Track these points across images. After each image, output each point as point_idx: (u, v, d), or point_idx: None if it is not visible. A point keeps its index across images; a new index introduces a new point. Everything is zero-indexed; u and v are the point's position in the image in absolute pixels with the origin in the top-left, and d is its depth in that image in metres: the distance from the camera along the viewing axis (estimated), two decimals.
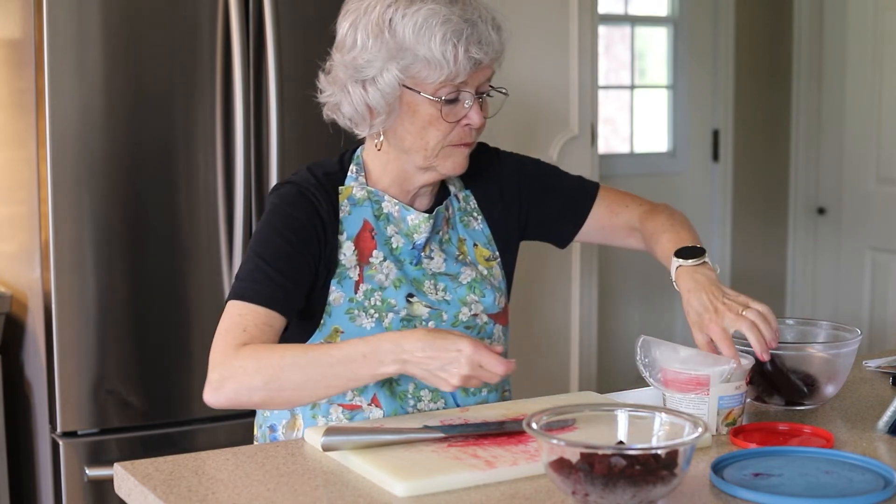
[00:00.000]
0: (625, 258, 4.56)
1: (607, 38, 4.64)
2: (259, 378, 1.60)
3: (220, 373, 1.63)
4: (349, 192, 1.81)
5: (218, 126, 2.75)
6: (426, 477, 1.45)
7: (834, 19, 4.72)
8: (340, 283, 1.77)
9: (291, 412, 1.82)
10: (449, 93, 1.72)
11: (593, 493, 1.33)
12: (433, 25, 1.67)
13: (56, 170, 2.60)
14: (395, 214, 1.82)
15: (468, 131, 1.76)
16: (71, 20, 2.59)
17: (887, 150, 4.53)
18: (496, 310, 1.87)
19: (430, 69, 1.69)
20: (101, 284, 2.66)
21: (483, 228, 1.91)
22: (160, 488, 1.46)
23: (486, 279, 1.87)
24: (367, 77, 1.72)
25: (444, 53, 1.67)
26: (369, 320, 1.77)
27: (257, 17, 2.77)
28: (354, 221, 1.80)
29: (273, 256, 1.72)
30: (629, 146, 4.73)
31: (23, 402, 2.90)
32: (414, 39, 1.68)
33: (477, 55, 1.69)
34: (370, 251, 1.79)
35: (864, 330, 4.55)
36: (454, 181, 1.91)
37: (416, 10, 1.68)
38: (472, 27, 1.69)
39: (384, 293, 1.78)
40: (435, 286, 1.82)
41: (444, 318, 1.81)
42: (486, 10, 1.73)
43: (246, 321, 1.66)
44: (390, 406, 1.78)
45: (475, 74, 1.72)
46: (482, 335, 1.85)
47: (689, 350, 1.71)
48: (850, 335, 1.88)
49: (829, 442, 1.63)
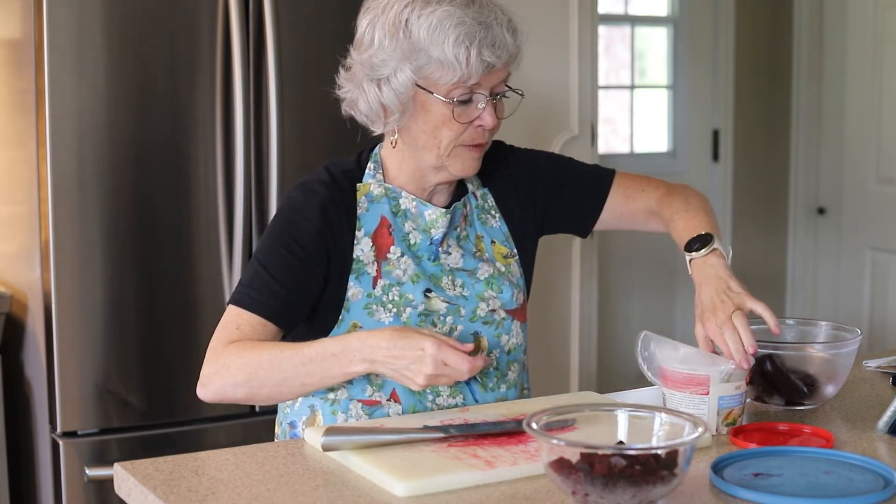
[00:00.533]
0: (625, 255, 4.56)
1: (607, 38, 4.64)
2: (241, 375, 1.67)
3: (208, 368, 1.70)
4: (367, 190, 1.83)
5: (218, 126, 2.75)
6: (426, 477, 1.45)
7: (834, 19, 4.72)
8: (358, 278, 1.79)
9: (311, 409, 1.83)
10: (462, 94, 1.73)
11: (593, 493, 1.33)
12: (447, 27, 1.68)
13: (56, 170, 2.60)
14: (413, 210, 1.84)
15: (481, 132, 1.77)
16: (71, 20, 2.59)
17: (887, 150, 4.53)
18: (514, 306, 1.88)
19: (443, 70, 1.70)
20: (101, 284, 2.66)
21: (501, 226, 1.93)
22: (160, 488, 1.46)
23: (504, 275, 1.88)
24: (382, 76, 1.74)
25: (457, 56, 1.68)
26: (387, 315, 1.78)
27: (257, 17, 2.77)
28: (372, 218, 1.81)
29: (274, 266, 1.75)
30: (629, 146, 4.73)
31: (23, 402, 2.90)
32: (428, 40, 1.69)
33: (489, 58, 1.70)
34: (388, 247, 1.81)
35: (864, 330, 4.55)
36: (471, 179, 1.92)
37: (431, 12, 1.69)
38: (486, 30, 1.70)
39: (402, 288, 1.80)
40: (453, 282, 1.83)
41: (461, 313, 1.83)
42: (502, 13, 1.74)
43: (241, 321, 1.72)
44: (409, 401, 1.79)
45: (488, 76, 1.73)
46: (500, 331, 1.86)
47: (688, 348, 1.71)
48: (850, 335, 1.88)
49: (829, 442, 1.63)
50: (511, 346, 1.88)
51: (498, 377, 1.85)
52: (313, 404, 1.83)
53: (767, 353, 1.81)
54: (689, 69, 4.73)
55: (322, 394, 1.81)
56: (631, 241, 4.58)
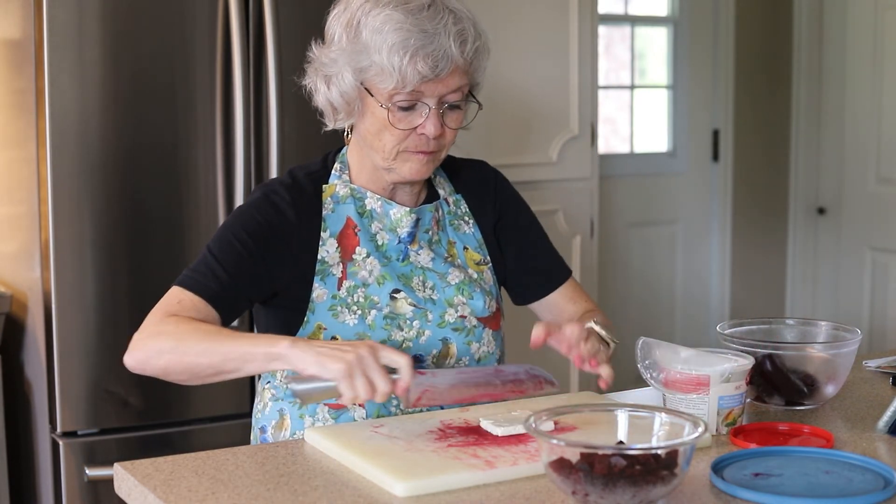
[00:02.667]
0: (624, 259, 4.56)
1: (607, 38, 4.64)
2: (169, 341, 1.63)
3: (140, 334, 1.67)
4: (332, 191, 1.82)
5: (218, 125, 2.75)
6: (426, 477, 1.45)
7: (834, 19, 4.72)
8: (323, 280, 1.78)
9: (280, 413, 1.82)
10: (403, 100, 1.70)
11: (593, 493, 1.33)
12: (385, 32, 1.67)
13: (56, 170, 2.60)
14: (379, 210, 1.82)
15: (424, 140, 1.73)
16: (71, 20, 2.59)
17: (887, 150, 4.53)
18: (486, 313, 1.85)
19: (382, 75, 1.69)
20: (101, 284, 2.66)
21: (474, 233, 1.91)
22: (160, 488, 1.46)
23: (476, 282, 1.86)
24: (330, 74, 1.74)
25: (392, 62, 1.66)
26: (352, 317, 1.77)
27: (257, 17, 2.77)
28: (337, 219, 1.80)
29: (221, 252, 1.74)
30: (629, 146, 4.73)
31: (23, 402, 2.90)
32: (371, 43, 1.68)
33: (423, 69, 1.66)
34: (353, 248, 1.80)
35: (864, 330, 4.55)
36: (443, 185, 1.91)
37: (376, 14, 1.68)
38: (427, 39, 1.66)
39: (367, 290, 1.78)
40: (423, 283, 1.81)
41: (429, 317, 1.80)
42: (454, 23, 1.69)
43: (182, 297, 1.70)
44: (373, 407, 1.78)
45: (432, 85, 1.70)
46: (471, 338, 1.83)
47: (689, 350, 1.71)
48: (850, 335, 1.88)
49: (829, 442, 1.63)
50: (482, 354, 1.85)
51: None
52: (282, 408, 1.82)
53: (767, 353, 1.81)
54: (689, 69, 4.73)
55: (291, 397, 1.80)
56: (631, 241, 4.58)
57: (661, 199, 4.70)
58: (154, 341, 1.65)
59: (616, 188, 4.52)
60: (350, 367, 1.53)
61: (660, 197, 4.70)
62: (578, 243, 3.67)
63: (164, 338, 1.64)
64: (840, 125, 4.72)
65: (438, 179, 1.91)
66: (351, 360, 1.53)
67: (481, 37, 1.74)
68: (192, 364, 1.64)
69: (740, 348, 1.81)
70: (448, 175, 1.93)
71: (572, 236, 3.65)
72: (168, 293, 1.72)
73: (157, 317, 1.68)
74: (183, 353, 1.63)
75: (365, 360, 1.54)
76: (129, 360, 1.68)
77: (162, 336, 1.64)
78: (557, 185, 3.59)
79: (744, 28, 4.76)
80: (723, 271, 4.83)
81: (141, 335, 1.67)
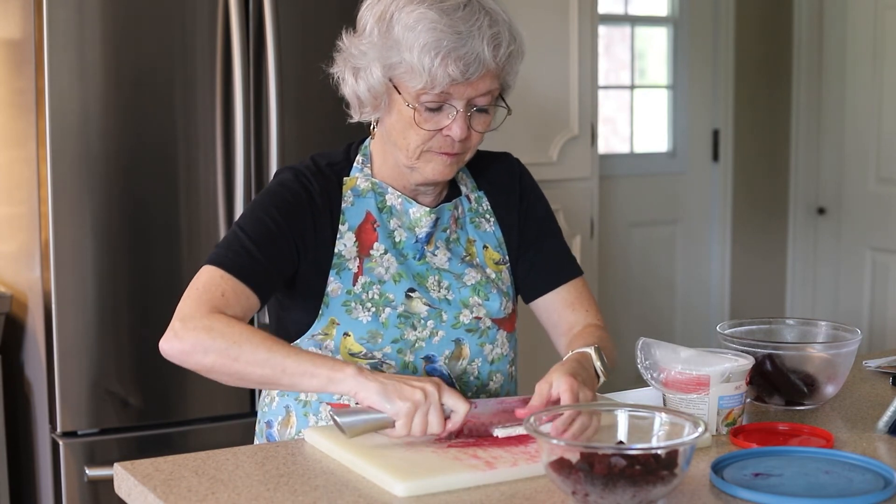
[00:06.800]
0: (624, 259, 4.56)
1: (607, 38, 4.64)
2: (221, 342, 1.58)
3: (185, 324, 1.61)
4: (353, 183, 1.79)
5: (218, 125, 2.75)
6: (426, 477, 1.45)
7: (834, 19, 4.72)
8: (339, 274, 1.76)
9: (286, 409, 1.82)
10: (431, 101, 1.67)
11: (593, 493, 1.33)
12: (418, 31, 1.63)
13: (56, 170, 2.60)
14: (398, 207, 1.80)
15: (450, 142, 1.70)
16: (71, 20, 2.59)
17: (887, 150, 4.53)
18: (501, 315, 1.83)
19: (411, 74, 1.65)
20: (101, 284, 2.66)
21: (495, 231, 1.87)
22: (160, 488, 1.46)
23: (493, 283, 1.83)
24: (358, 67, 1.71)
25: (422, 62, 1.63)
26: (366, 314, 1.75)
27: (257, 17, 2.77)
28: (357, 213, 1.78)
29: (255, 231, 1.71)
30: (629, 146, 4.73)
31: (23, 402, 2.90)
32: (402, 40, 1.64)
33: (453, 72, 1.63)
34: (371, 243, 1.77)
35: (864, 330, 4.55)
36: (466, 181, 1.88)
37: (411, 10, 1.65)
38: (460, 41, 1.63)
39: (383, 287, 1.76)
40: (439, 283, 1.79)
41: (443, 318, 1.78)
42: (489, 25, 1.66)
43: (224, 287, 1.65)
44: None
45: (461, 87, 1.66)
46: (484, 339, 1.81)
47: (689, 350, 1.71)
48: (850, 335, 1.88)
49: (829, 442, 1.63)
50: (495, 356, 1.83)
51: (478, 386, 1.82)
52: (288, 405, 1.81)
53: (767, 353, 1.81)
54: (689, 69, 4.73)
55: (296, 395, 1.79)
56: (631, 241, 4.58)
57: (661, 200, 4.70)
58: (204, 336, 1.59)
59: (616, 188, 4.52)
60: (416, 406, 1.53)
61: (660, 197, 4.70)
62: (578, 243, 3.67)
63: (215, 336, 1.58)
64: (840, 125, 4.72)
65: (461, 175, 1.87)
66: (418, 400, 1.53)
67: (516, 40, 1.70)
68: (242, 371, 1.59)
69: (740, 348, 1.81)
70: (472, 172, 1.89)
71: (572, 236, 3.65)
72: (206, 276, 1.67)
73: (204, 309, 1.62)
74: (235, 357, 1.58)
75: (430, 399, 1.54)
76: (170, 349, 1.61)
77: (213, 333, 1.59)
78: (557, 184, 3.59)
79: (744, 28, 4.76)
80: (723, 271, 4.83)
81: (187, 325, 1.60)
